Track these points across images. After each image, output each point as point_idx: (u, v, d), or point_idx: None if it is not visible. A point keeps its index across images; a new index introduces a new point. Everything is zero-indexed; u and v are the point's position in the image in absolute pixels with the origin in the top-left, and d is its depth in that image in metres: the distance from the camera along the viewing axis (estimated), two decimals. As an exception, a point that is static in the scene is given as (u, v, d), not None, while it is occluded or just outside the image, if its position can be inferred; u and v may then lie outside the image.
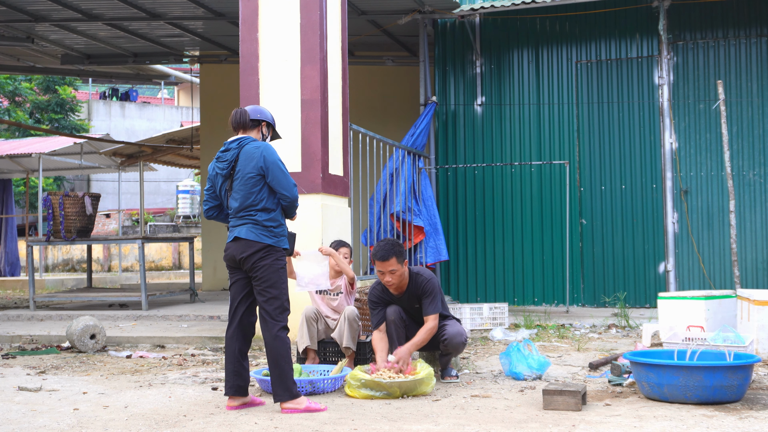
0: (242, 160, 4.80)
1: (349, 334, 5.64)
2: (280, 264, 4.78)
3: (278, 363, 4.65)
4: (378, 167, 9.52)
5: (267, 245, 4.73)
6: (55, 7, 10.54)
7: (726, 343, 5.27)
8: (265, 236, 4.73)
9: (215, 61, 13.61)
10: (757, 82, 9.71)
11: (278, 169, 4.76)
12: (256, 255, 4.71)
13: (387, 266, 5.36)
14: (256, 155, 4.76)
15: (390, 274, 5.38)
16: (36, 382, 5.73)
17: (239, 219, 4.80)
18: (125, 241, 11.93)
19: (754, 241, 9.56)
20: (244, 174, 4.76)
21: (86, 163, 18.03)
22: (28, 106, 26.93)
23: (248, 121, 4.92)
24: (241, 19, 7.27)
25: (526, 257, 10.26)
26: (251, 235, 4.73)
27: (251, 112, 4.97)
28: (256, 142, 4.86)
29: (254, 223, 4.74)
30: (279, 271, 4.75)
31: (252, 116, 4.94)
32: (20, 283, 15.62)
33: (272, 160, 4.76)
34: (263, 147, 4.80)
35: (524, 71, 10.48)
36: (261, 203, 4.75)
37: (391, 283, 5.42)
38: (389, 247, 5.37)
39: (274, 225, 4.76)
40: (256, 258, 4.71)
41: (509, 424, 4.26)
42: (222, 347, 7.19)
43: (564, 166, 10.05)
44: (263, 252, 4.72)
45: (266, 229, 4.74)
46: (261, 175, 4.75)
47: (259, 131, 4.98)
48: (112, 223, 25.37)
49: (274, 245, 4.75)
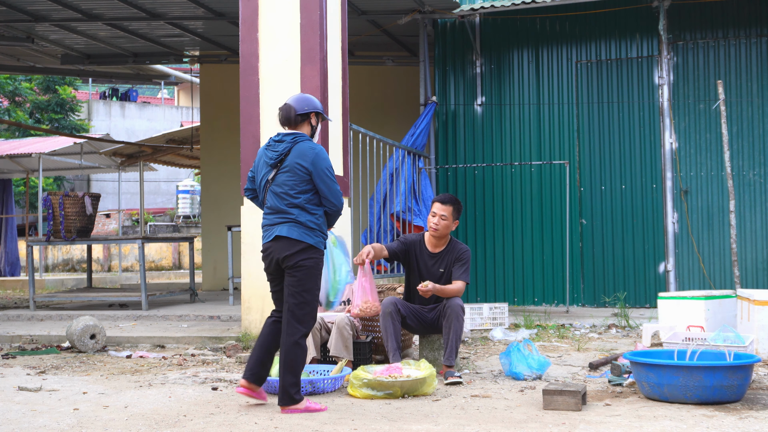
0: (293, 155, 4.69)
1: (340, 343, 5.64)
2: (320, 268, 4.72)
3: (294, 370, 4.61)
4: (378, 167, 9.52)
5: (310, 245, 4.63)
6: (55, 7, 10.54)
7: (726, 343, 5.27)
8: (308, 236, 4.63)
9: (215, 61, 13.61)
10: (757, 82, 9.71)
11: (328, 174, 4.69)
12: (299, 255, 4.61)
13: (442, 209, 5.77)
14: (310, 156, 4.67)
15: (441, 218, 5.76)
16: (36, 382, 5.73)
17: (279, 216, 4.68)
18: (125, 241, 11.93)
19: (754, 241, 9.56)
20: (293, 168, 4.66)
21: (86, 163, 18.03)
22: (28, 106, 26.93)
23: (295, 117, 4.80)
24: (241, 19, 7.26)
25: (526, 257, 10.26)
26: (294, 233, 4.62)
27: (297, 106, 4.82)
28: (311, 142, 4.77)
29: (295, 222, 4.64)
30: (318, 276, 4.69)
31: (299, 111, 4.81)
32: (20, 283, 15.62)
33: (324, 166, 4.68)
34: (318, 150, 4.71)
35: (524, 71, 10.48)
36: (303, 202, 4.65)
37: (437, 226, 5.75)
38: (453, 198, 5.85)
39: (315, 226, 4.67)
40: (299, 258, 4.61)
41: (509, 424, 4.26)
42: (222, 347, 7.19)
43: (564, 166, 10.05)
44: (307, 253, 4.63)
45: (308, 229, 4.64)
46: (309, 175, 4.66)
47: (309, 123, 4.87)
48: (112, 223, 25.37)
49: (316, 246, 4.66)
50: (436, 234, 5.81)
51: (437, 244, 5.87)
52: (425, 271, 5.82)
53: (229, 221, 11.26)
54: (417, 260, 5.85)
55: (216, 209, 13.67)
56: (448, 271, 5.82)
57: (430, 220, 5.82)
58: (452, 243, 5.90)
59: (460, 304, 5.65)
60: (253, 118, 7.16)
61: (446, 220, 5.78)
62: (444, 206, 5.79)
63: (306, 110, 4.83)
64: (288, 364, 4.60)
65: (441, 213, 5.77)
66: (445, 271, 5.82)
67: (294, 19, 7.13)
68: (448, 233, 5.88)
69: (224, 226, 11.22)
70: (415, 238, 5.95)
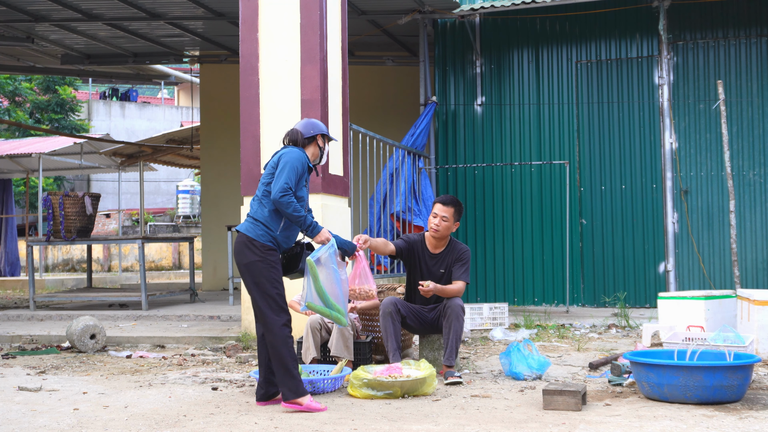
0: (280, 152, 4.90)
1: (341, 343, 5.64)
2: (266, 262, 4.76)
3: (283, 363, 4.68)
4: (378, 167, 9.52)
5: (250, 238, 4.75)
6: (55, 7, 10.54)
7: (726, 343, 5.27)
8: (250, 230, 4.78)
9: (215, 61, 13.61)
10: (757, 82, 9.71)
11: (289, 167, 4.73)
12: (243, 249, 4.82)
13: (443, 211, 5.77)
14: (287, 154, 4.81)
15: (442, 219, 5.76)
16: (36, 382, 5.73)
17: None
18: (125, 241, 11.93)
19: (754, 241, 9.56)
20: (272, 165, 4.85)
21: (86, 163, 18.03)
22: (28, 106, 26.94)
23: (303, 141, 4.95)
24: (241, 19, 7.27)
25: (526, 257, 10.26)
26: (242, 227, 4.86)
27: (304, 130, 4.99)
28: (300, 150, 4.89)
29: (249, 217, 4.87)
30: (263, 269, 4.78)
31: (306, 134, 4.97)
32: (20, 283, 15.62)
33: (290, 159, 4.76)
34: (298, 151, 4.85)
35: (524, 71, 10.48)
36: (262, 195, 4.83)
37: (437, 227, 5.76)
38: (454, 199, 5.85)
39: (261, 219, 4.77)
40: (243, 253, 4.82)
41: (509, 424, 4.26)
42: (222, 347, 7.20)
43: (564, 166, 10.05)
44: (248, 246, 4.79)
45: (254, 222, 4.81)
46: (275, 171, 4.82)
47: (316, 145, 5.02)
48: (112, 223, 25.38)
49: (256, 239, 4.75)
50: (437, 235, 5.81)
51: (437, 245, 5.88)
52: (426, 272, 5.83)
53: (229, 221, 11.26)
54: (419, 260, 5.86)
55: (216, 209, 13.68)
56: (448, 271, 5.83)
57: (431, 221, 5.83)
58: (452, 244, 5.91)
59: (461, 304, 5.65)
60: (253, 118, 7.16)
61: (447, 221, 5.79)
62: (445, 207, 5.79)
63: (312, 133, 4.99)
64: (275, 358, 4.66)
65: (442, 214, 5.78)
66: (445, 271, 5.83)
67: (294, 19, 7.13)
68: (449, 234, 5.89)
69: (224, 226, 11.22)
70: (417, 238, 5.95)
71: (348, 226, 7.56)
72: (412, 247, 5.89)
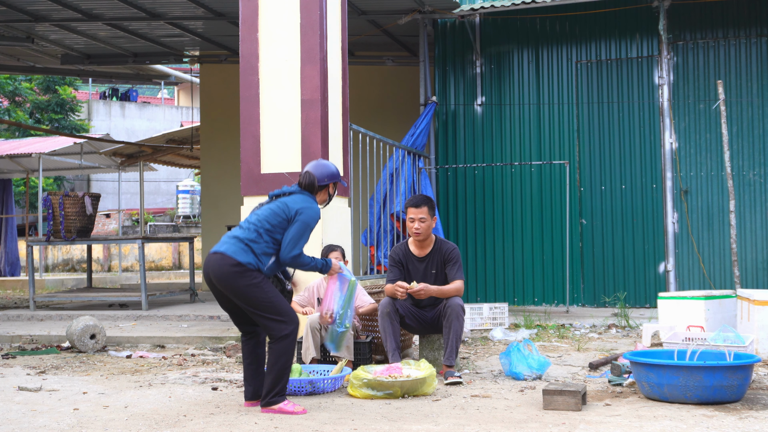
0: (291, 198, 4.77)
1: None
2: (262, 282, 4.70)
3: (281, 374, 4.68)
4: (378, 167, 9.52)
5: (239, 263, 4.61)
6: (55, 7, 10.54)
7: (726, 343, 5.27)
8: (240, 255, 4.62)
9: (215, 61, 13.61)
10: (757, 82, 9.71)
11: (303, 227, 4.68)
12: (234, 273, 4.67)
13: (418, 213, 5.73)
14: (302, 206, 4.71)
15: (419, 221, 5.73)
16: (36, 382, 5.73)
17: (230, 236, 4.74)
18: (125, 241, 11.94)
19: (754, 241, 9.56)
20: (281, 205, 4.73)
21: (86, 163, 18.03)
22: (28, 106, 26.94)
23: (316, 188, 4.89)
24: (241, 19, 7.26)
25: (526, 257, 10.26)
26: (230, 249, 4.64)
27: (319, 176, 4.90)
28: (312, 200, 4.82)
29: (240, 242, 4.68)
30: (261, 288, 4.70)
31: (320, 182, 4.90)
32: (20, 283, 15.62)
33: (307, 219, 4.69)
34: (314, 207, 4.77)
35: (524, 71, 10.48)
36: (263, 235, 4.66)
37: (418, 230, 5.73)
38: (423, 197, 5.81)
39: (258, 251, 4.66)
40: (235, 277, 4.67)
41: (509, 424, 4.26)
42: (222, 347, 7.20)
43: (564, 166, 10.05)
44: (243, 271, 4.65)
45: (246, 249, 4.64)
46: (288, 219, 4.69)
47: (326, 192, 4.98)
48: (112, 223, 25.38)
49: (246, 265, 4.62)
50: (420, 237, 5.78)
51: (423, 246, 5.85)
52: (416, 276, 5.81)
53: (229, 221, 11.27)
54: (408, 268, 5.85)
55: (216, 209, 13.68)
56: (440, 271, 5.81)
57: (410, 226, 5.77)
58: (438, 243, 5.87)
59: (460, 303, 5.65)
60: (253, 118, 7.16)
61: (425, 221, 5.75)
62: (419, 209, 5.74)
63: (326, 182, 4.94)
64: (272, 366, 4.63)
65: (419, 216, 5.74)
66: (436, 271, 5.81)
67: (294, 19, 7.13)
68: (431, 233, 5.87)
69: (224, 226, 11.22)
70: (400, 249, 5.91)
71: (348, 226, 7.56)
72: (402, 261, 5.86)
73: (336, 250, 6.15)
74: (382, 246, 9.05)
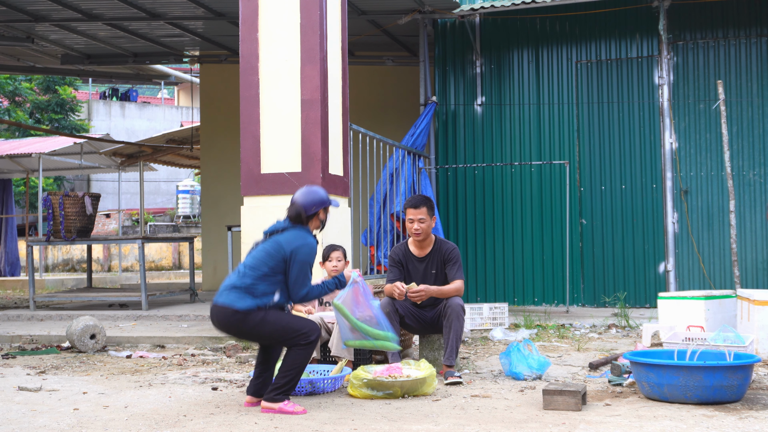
0: (285, 235, 4.74)
1: (341, 343, 5.63)
2: (272, 314, 4.71)
3: (293, 376, 4.70)
4: (378, 167, 9.52)
5: (239, 310, 4.63)
6: (55, 7, 10.54)
7: (726, 343, 5.27)
8: (242, 300, 4.64)
9: (215, 61, 13.61)
10: (757, 82, 9.71)
11: (302, 267, 4.68)
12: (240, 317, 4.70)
13: (418, 214, 5.72)
14: (297, 243, 4.68)
15: (419, 222, 5.72)
16: (36, 382, 5.73)
17: (232, 285, 4.71)
18: (125, 241, 11.93)
19: (754, 241, 9.56)
20: (275, 244, 4.69)
21: (86, 163, 18.03)
22: (28, 106, 26.93)
23: (305, 218, 4.84)
24: (241, 19, 7.27)
25: (526, 257, 10.26)
26: (231, 297, 4.66)
27: (306, 206, 4.83)
28: (307, 233, 4.78)
29: (240, 289, 4.68)
30: (274, 317, 4.72)
31: (308, 211, 4.83)
32: (20, 283, 15.62)
33: (303, 259, 4.67)
34: (309, 242, 4.73)
35: (524, 71, 10.48)
36: (263, 279, 4.65)
37: (418, 231, 5.72)
38: (422, 198, 5.79)
39: (259, 294, 4.67)
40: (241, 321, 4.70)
41: (509, 424, 4.26)
42: (222, 347, 7.20)
43: (564, 166, 10.05)
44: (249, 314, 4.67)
45: (248, 294, 4.66)
46: (284, 260, 4.67)
47: (317, 219, 4.91)
48: (112, 223, 25.38)
49: (250, 309, 4.64)
50: (420, 238, 5.79)
51: (422, 246, 5.85)
52: (416, 276, 5.80)
53: (229, 221, 11.26)
54: (408, 268, 5.85)
55: (216, 209, 13.68)
56: (440, 271, 5.81)
57: (409, 227, 5.77)
58: (438, 243, 5.87)
59: (461, 303, 5.65)
60: (253, 118, 7.16)
61: (425, 222, 5.74)
62: (418, 210, 5.73)
63: (314, 211, 4.86)
64: (288, 366, 4.65)
65: (419, 217, 5.73)
66: (437, 271, 5.80)
67: (294, 19, 7.13)
68: (431, 232, 5.87)
69: (224, 226, 11.22)
70: (399, 249, 5.91)
71: (348, 226, 7.56)
72: (402, 261, 5.86)
73: (337, 249, 6.13)
74: (382, 246, 9.05)
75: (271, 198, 7.03)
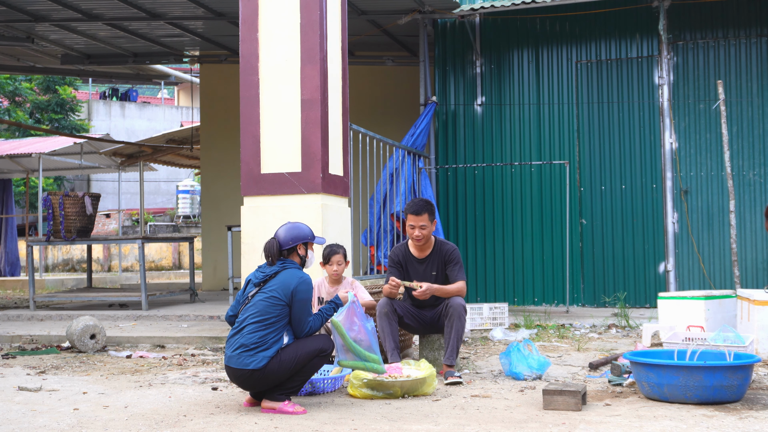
0: (278, 279, 4.71)
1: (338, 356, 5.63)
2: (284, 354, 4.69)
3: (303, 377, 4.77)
4: (378, 167, 9.52)
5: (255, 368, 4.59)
6: (55, 7, 10.54)
7: (726, 343, 5.27)
8: (254, 358, 4.59)
9: (215, 61, 13.62)
10: (757, 82, 9.71)
11: (304, 305, 4.70)
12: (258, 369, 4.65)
13: (419, 221, 5.68)
14: (293, 284, 4.67)
15: (420, 228, 5.69)
16: (36, 382, 5.73)
17: (242, 346, 4.64)
18: (125, 241, 11.94)
19: (754, 241, 9.56)
20: (273, 292, 4.66)
21: (86, 163, 18.03)
22: (28, 106, 26.94)
23: (280, 253, 4.81)
24: (241, 19, 7.27)
25: (526, 257, 10.26)
26: (245, 359, 4.60)
27: (283, 240, 4.82)
28: (299, 271, 4.77)
29: (249, 350, 4.60)
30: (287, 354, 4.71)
31: (284, 245, 4.81)
32: (20, 283, 15.62)
33: (303, 297, 4.68)
34: (304, 279, 4.72)
35: (524, 71, 10.48)
36: (268, 330, 4.60)
37: (419, 237, 5.70)
38: (423, 203, 5.73)
39: (266, 346, 4.61)
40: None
41: (509, 424, 4.26)
42: (222, 347, 7.19)
43: (564, 166, 10.05)
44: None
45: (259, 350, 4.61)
46: (287, 305, 4.67)
47: (296, 255, 4.88)
48: (112, 223, 25.38)
49: (262, 365, 4.59)
50: (420, 243, 5.79)
51: (422, 248, 5.84)
52: (416, 277, 5.80)
53: (229, 221, 11.27)
54: (407, 270, 5.86)
55: (216, 209, 13.68)
56: (440, 272, 5.81)
57: (410, 233, 5.74)
58: (438, 244, 5.86)
59: (462, 303, 5.64)
60: (253, 118, 7.16)
61: (426, 228, 5.72)
62: (420, 217, 5.69)
63: (291, 245, 4.83)
64: (299, 369, 4.68)
65: (420, 224, 5.70)
66: (437, 273, 5.80)
67: (294, 19, 7.13)
68: (432, 238, 5.86)
69: (224, 226, 11.22)
70: (399, 250, 5.90)
71: (348, 226, 7.56)
72: (401, 262, 5.86)
73: (338, 252, 6.08)
74: (382, 246, 9.05)
75: (271, 198, 7.03)
